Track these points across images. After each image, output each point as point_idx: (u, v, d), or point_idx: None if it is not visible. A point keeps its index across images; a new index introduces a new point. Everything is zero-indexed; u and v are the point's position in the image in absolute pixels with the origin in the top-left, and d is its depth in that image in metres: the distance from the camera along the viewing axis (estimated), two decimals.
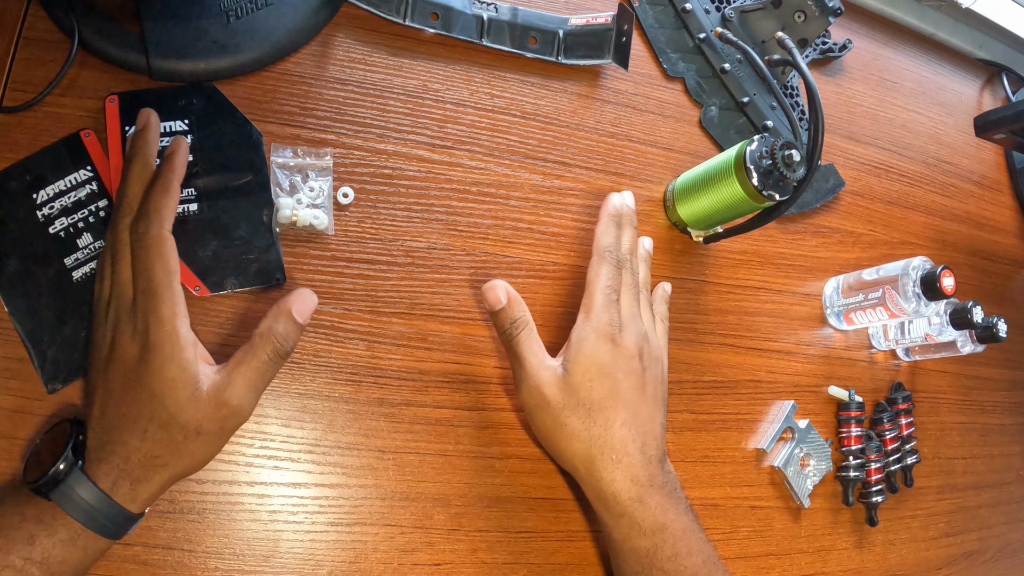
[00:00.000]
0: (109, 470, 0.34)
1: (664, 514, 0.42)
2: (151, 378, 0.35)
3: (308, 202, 0.45)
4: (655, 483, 0.43)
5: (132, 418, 0.35)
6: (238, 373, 0.37)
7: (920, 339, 0.64)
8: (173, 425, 0.35)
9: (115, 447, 0.35)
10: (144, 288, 0.36)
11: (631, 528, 0.43)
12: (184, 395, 0.35)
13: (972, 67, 0.86)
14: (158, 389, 0.35)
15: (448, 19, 0.52)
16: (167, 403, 0.35)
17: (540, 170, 0.54)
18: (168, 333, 0.35)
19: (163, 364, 0.35)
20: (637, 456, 0.43)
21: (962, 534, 0.68)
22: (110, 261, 0.38)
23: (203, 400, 0.35)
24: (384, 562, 0.44)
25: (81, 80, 0.43)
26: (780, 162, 0.48)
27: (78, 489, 0.33)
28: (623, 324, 0.45)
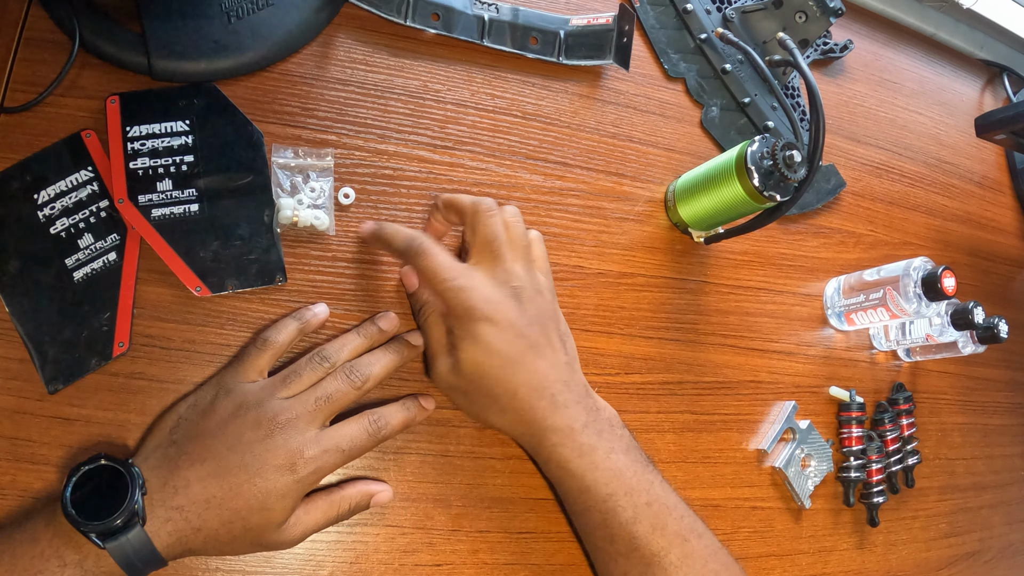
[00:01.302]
0: (173, 531, 0.35)
1: (592, 453, 0.42)
2: (272, 495, 0.37)
3: (309, 203, 0.45)
4: (575, 425, 0.43)
5: (228, 507, 0.36)
6: (310, 519, 0.40)
7: (921, 340, 0.64)
8: (251, 531, 0.37)
9: (193, 517, 0.35)
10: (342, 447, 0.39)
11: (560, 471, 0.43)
12: (277, 521, 0.38)
13: (973, 67, 0.86)
14: (268, 505, 0.37)
15: (449, 19, 0.52)
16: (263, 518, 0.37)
17: (541, 171, 0.54)
18: (314, 481, 0.39)
19: (288, 494, 0.38)
20: (548, 408, 0.42)
21: (963, 535, 0.68)
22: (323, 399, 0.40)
23: (281, 531, 0.38)
24: (385, 563, 0.44)
25: (82, 80, 0.43)
26: (781, 163, 0.48)
27: (135, 543, 0.34)
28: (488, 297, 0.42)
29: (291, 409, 0.39)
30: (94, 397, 0.40)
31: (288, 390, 0.40)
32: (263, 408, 0.38)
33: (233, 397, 0.39)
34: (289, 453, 0.37)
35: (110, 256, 0.42)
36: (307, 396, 0.40)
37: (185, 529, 0.35)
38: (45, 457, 0.39)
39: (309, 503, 0.40)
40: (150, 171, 0.43)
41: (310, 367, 0.41)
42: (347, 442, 0.39)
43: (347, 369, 0.41)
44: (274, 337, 0.42)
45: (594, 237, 0.55)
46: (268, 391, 0.39)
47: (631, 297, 0.55)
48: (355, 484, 0.43)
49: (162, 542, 0.35)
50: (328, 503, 0.41)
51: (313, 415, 0.39)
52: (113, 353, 0.41)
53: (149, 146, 0.43)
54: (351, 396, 0.41)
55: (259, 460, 0.37)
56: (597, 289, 0.54)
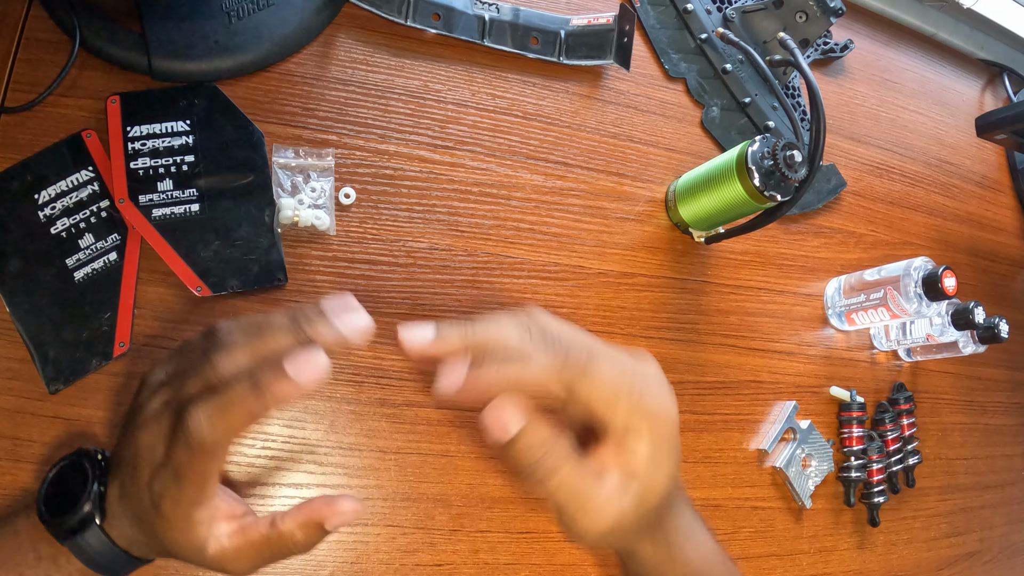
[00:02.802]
0: (124, 536, 0.33)
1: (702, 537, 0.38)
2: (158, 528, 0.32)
3: (310, 202, 0.45)
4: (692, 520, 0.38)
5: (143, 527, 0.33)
6: (246, 554, 0.34)
7: (922, 340, 0.64)
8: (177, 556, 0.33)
9: (129, 529, 0.33)
10: (175, 472, 0.31)
11: None
12: (185, 555, 0.33)
13: (973, 67, 0.86)
14: (164, 539, 0.33)
15: (450, 20, 0.52)
16: (172, 548, 0.33)
17: (542, 171, 0.54)
18: (182, 516, 0.32)
19: (169, 531, 0.32)
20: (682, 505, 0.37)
21: (964, 535, 0.68)
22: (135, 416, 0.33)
23: (208, 560, 0.33)
24: (386, 563, 0.44)
25: (82, 80, 0.43)
26: (782, 162, 0.48)
27: (93, 543, 0.33)
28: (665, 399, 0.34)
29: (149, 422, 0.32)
30: (95, 397, 0.41)
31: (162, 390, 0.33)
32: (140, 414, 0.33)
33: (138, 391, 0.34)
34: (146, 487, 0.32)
35: (111, 256, 0.42)
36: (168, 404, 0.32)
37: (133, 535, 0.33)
38: (46, 457, 0.39)
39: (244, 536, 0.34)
40: (151, 171, 0.43)
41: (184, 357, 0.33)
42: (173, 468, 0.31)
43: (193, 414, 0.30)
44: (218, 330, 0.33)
45: (595, 237, 0.55)
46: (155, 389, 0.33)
47: (632, 297, 0.55)
48: (297, 513, 0.34)
49: (122, 540, 0.33)
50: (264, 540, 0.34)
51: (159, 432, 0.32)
52: (114, 353, 0.41)
53: (150, 146, 0.43)
54: None
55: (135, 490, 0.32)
56: (598, 289, 0.54)
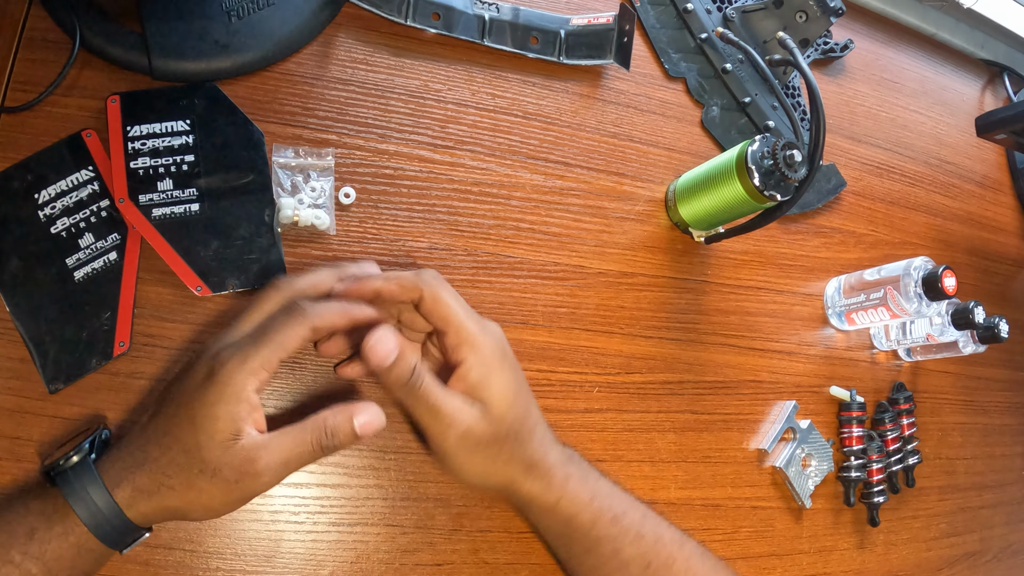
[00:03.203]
0: (119, 471, 0.35)
1: (595, 482, 0.44)
2: (198, 404, 0.35)
3: (310, 202, 0.45)
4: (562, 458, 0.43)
5: (162, 432, 0.35)
6: (277, 443, 0.36)
7: (922, 339, 0.64)
8: (195, 455, 0.34)
9: (134, 452, 0.35)
10: (255, 336, 0.36)
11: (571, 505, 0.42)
12: (218, 438, 0.34)
13: (973, 67, 0.85)
14: (199, 418, 0.34)
15: (450, 19, 0.52)
16: (200, 435, 0.34)
17: (542, 170, 0.54)
18: (238, 379, 0.35)
19: (216, 400, 0.34)
20: (551, 442, 0.43)
21: (963, 535, 0.68)
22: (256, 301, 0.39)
23: (233, 451, 0.34)
24: (386, 562, 0.44)
25: (82, 80, 0.43)
26: (781, 162, 0.48)
27: (83, 478, 0.34)
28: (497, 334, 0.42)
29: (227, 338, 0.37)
30: (95, 397, 0.41)
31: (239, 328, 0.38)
32: (208, 349, 0.37)
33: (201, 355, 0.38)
34: (208, 360, 0.36)
35: (111, 256, 0.42)
36: None
37: (131, 463, 0.35)
38: (45, 457, 0.39)
39: (276, 433, 0.36)
40: (151, 171, 0.43)
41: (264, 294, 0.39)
42: (261, 329, 0.37)
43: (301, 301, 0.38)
44: None
45: (595, 237, 0.55)
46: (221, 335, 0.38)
47: (632, 297, 0.55)
48: (331, 409, 0.37)
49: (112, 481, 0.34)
50: (299, 429, 0.36)
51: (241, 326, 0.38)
52: (114, 353, 0.41)
53: (150, 146, 0.43)
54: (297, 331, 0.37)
55: (183, 382, 0.36)
56: (598, 289, 0.54)
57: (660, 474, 0.53)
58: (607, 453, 0.52)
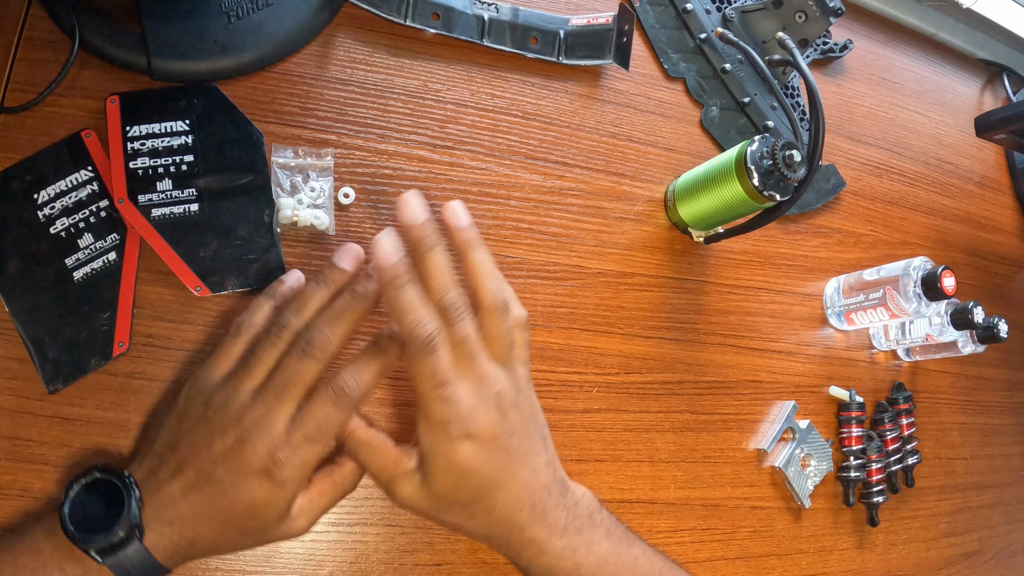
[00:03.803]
0: (168, 544, 0.35)
1: (574, 554, 0.40)
2: (259, 502, 0.35)
3: (309, 202, 0.45)
4: (555, 530, 0.40)
5: (218, 519, 0.35)
6: (317, 503, 0.38)
7: (921, 339, 0.64)
8: (251, 535, 0.37)
9: (186, 531, 0.35)
10: (311, 435, 0.36)
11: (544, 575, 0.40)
12: (277, 521, 0.37)
13: (973, 67, 0.86)
14: (259, 513, 0.36)
15: (449, 19, 0.52)
16: (258, 522, 0.36)
17: (541, 170, 0.54)
18: (301, 477, 0.36)
19: (278, 499, 0.36)
20: (527, 518, 0.39)
21: (963, 534, 0.68)
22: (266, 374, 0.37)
23: (287, 523, 0.37)
24: (385, 562, 0.44)
25: (82, 80, 0.43)
26: (781, 162, 0.48)
27: (134, 558, 0.34)
28: (470, 412, 0.37)
29: (253, 407, 0.36)
30: (94, 397, 0.41)
31: (250, 379, 0.37)
32: (228, 409, 0.36)
33: (202, 396, 0.37)
34: (261, 460, 0.35)
35: (110, 256, 0.42)
36: (268, 386, 0.36)
37: (180, 542, 0.35)
38: (45, 457, 0.39)
39: (311, 489, 0.38)
40: (150, 171, 0.43)
41: (268, 343, 0.37)
42: (316, 428, 0.36)
43: (303, 341, 0.37)
44: (248, 320, 0.39)
45: (594, 237, 0.55)
46: (233, 385, 0.37)
47: (631, 297, 0.55)
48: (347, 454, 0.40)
49: (161, 554, 0.34)
50: (331, 485, 0.39)
51: (276, 407, 0.36)
52: (113, 353, 0.41)
53: (149, 146, 0.43)
54: (313, 370, 0.36)
55: (234, 472, 0.35)
56: (597, 289, 0.54)
57: (659, 474, 0.53)
58: (606, 453, 0.52)
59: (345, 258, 0.40)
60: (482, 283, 0.39)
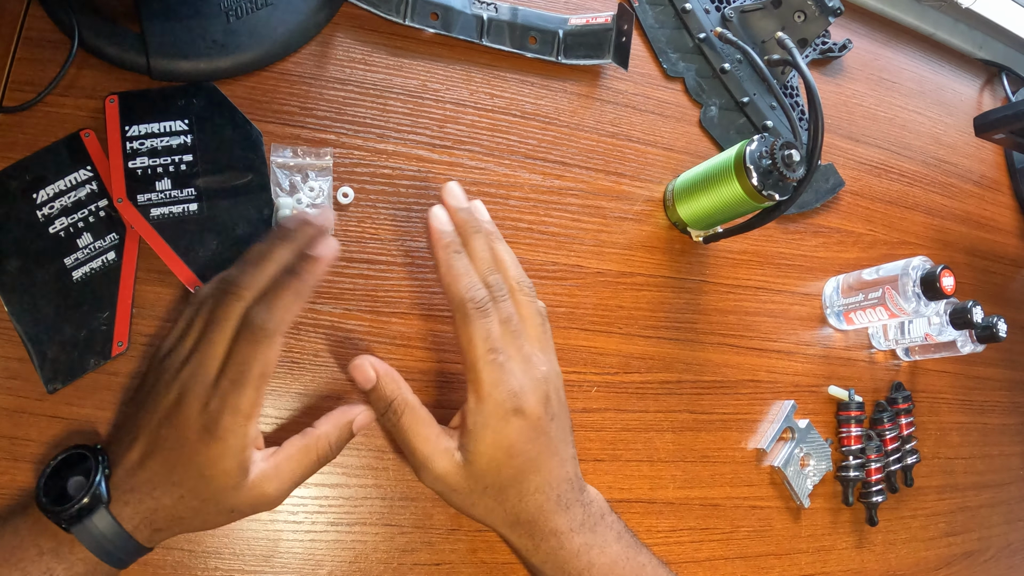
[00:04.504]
0: (134, 514, 0.34)
1: (588, 552, 0.41)
2: (204, 460, 0.34)
3: (308, 202, 0.46)
4: (574, 525, 0.41)
5: (172, 481, 0.35)
6: (285, 468, 0.37)
7: (920, 339, 0.64)
8: (210, 502, 0.35)
9: (145, 498, 0.34)
10: (234, 377, 0.34)
11: (555, 572, 0.41)
12: (230, 483, 0.35)
13: (972, 67, 0.86)
14: (207, 472, 0.34)
15: (448, 19, 0.52)
16: (211, 485, 0.35)
17: (540, 170, 0.54)
18: (239, 429, 0.35)
19: (221, 454, 0.34)
20: (553, 509, 0.41)
21: (962, 534, 0.68)
22: (203, 325, 0.36)
23: (246, 488, 0.36)
24: (384, 562, 0.44)
25: (81, 80, 0.43)
26: (780, 162, 0.48)
27: (100, 526, 0.33)
28: (522, 387, 0.39)
29: (189, 360, 0.35)
30: (93, 396, 0.41)
31: (191, 336, 0.36)
32: (171, 368, 0.36)
33: (156, 364, 0.37)
34: (197, 414, 0.34)
35: (109, 255, 0.42)
36: (200, 337, 0.36)
37: (144, 510, 0.34)
38: (44, 457, 0.39)
39: (279, 453, 0.37)
40: (149, 170, 0.43)
41: (210, 298, 0.37)
42: (238, 370, 0.34)
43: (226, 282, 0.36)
44: (203, 289, 0.39)
45: (593, 236, 0.55)
46: (177, 347, 0.36)
47: (630, 296, 0.55)
48: (328, 418, 0.39)
49: (129, 524, 0.34)
50: (302, 448, 0.37)
51: (206, 354, 0.35)
52: (112, 352, 0.41)
53: (148, 145, 0.43)
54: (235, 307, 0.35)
55: (176, 430, 0.34)
56: (596, 288, 0.54)
57: (659, 474, 0.53)
58: (605, 453, 0.52)
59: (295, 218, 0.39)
60: (508, 270, 0.42)
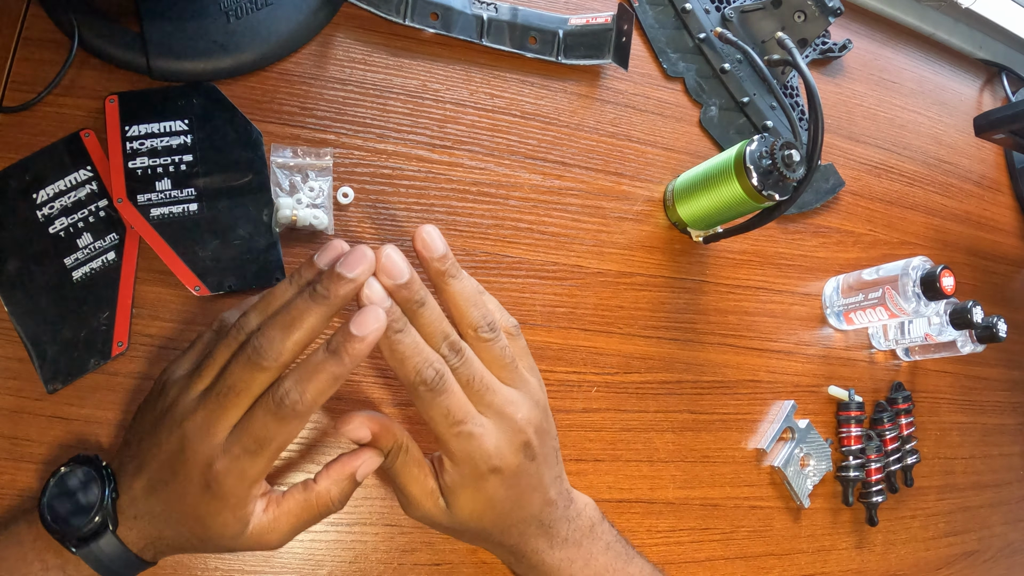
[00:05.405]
0: (139, 538, 0.34)
1: (571, 566, 0.41)
2: (204, 513, 0.34)
3: (308, 202, 0.45)
4: (555, 542, 0.41)
5: (175, 520, 0.34)
6: (285, 521, 0.36)
7: (920, 339, 0.64)
8: (210, 542, 0.35)
9: (149, 528, 0.34)
10: (252, 449, 0.33)
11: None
12: (229, 532, 0.34)
13: (972, 67, 0.86)
14: (207, 521, 0.34)
15: (448, 19, 0.52)
16: (210, 532, 0.34)
17: (540, 170, 0.54)
18: (242, 492, 0.34)
19: (221, 510, 0.34)
20: (535, 534, 0.41)
21: (962, 534, 0.68)
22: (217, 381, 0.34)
23: (245, 537, 0.35)
24: (384, 562, 0.44)
25: (81, 80, 0.43)
26: (780, 162, 0.48)
27: (107, 549, 0.33)
28: (498, 446, 0.37)
29: (196, 412, 0.33)
30: (93, 397, 0.41)
31: (201, 380, 0.34)
32: (175, 409, 0.34)
33: (163, 390, 0.36)
34: (200, 469, 0.33)
35: (109, 256, 0.42)
36: (212, 391, 0.34)
37: (149, 536, 0.34)
38: (44, 457, 0.39)
39: (279, 506, 0.36)
40: (149, 170, 0.43)
41: (224, 343, 0.35)
42: (255, 441, 0.33)
43: (251, 347, 0.33)
44: (228, 317, 0.37)
45: (593, 236, 0.55)
46: (184, 384, 0.35)
47: (630, 296, 0.55)
48: (329, 472, 0.37)
49: (135, 547, 0.34)
50: (302, 504, 0.36)
51: (217, 415, 0.33)
52: (112, 353, 0.41)
53: (148, 145, 0.43)
54: (259, 379, 0.33)
55: (179, 478, 0.33)
56: (596, 288, 0.54)
57: (658, 474, 0.53)
58: (605, 453, 0.52)
59: (326, 256, 0.35)
60: (465, 313, 0.38)
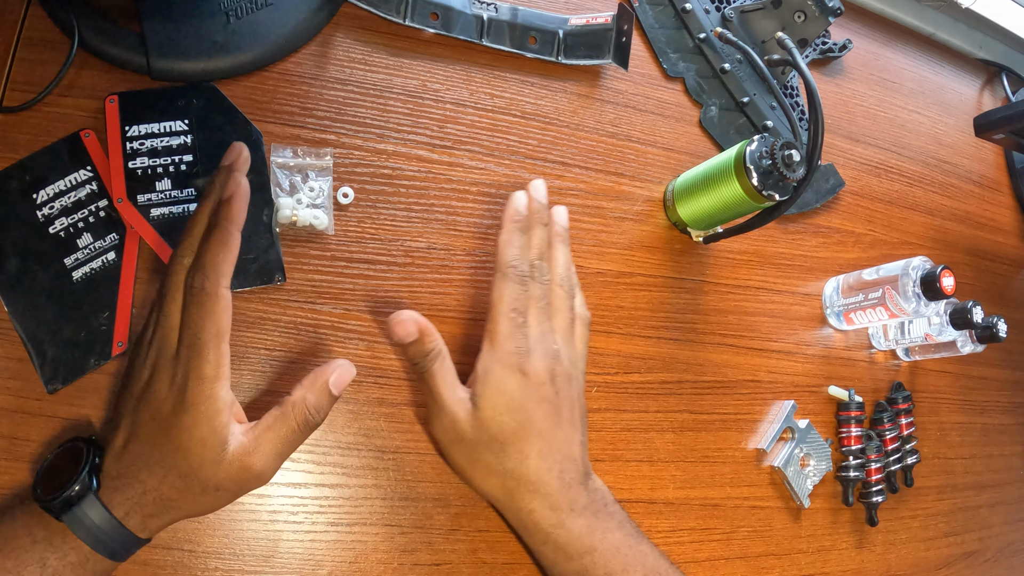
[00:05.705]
0: (123, 500, 0.34)
1: (591, 535, 0.42)
2: (180, 432, 0.34)
3: (308, 202, 0.46)
4: (576, 507, 0.42)
5: (154, 461, 0.35)
6: (265, 439, 0.36)
7: (920, 339, 0.64)
8: (193, 478, 0.35)
9: (132, 482, 0.35)
10: (189, 343, 0.35)
11: (556, 554, 0.42)
12: (209, 455, 0.35)
13: (972, 67, 0.86)
14: (184, 444, 0.34)
15: (448, 19, 0.52)
16: (191, 459, 0.35)
17: (540, 170, 0.54)
18: (206, 394, 0.34)
19: (195, 423, 0.34)
20: (555, 484, 0.42)
21: (962, 534, 0.68)
22: (160, 301, 0.36)
23: (227, 462, 0.35)
24: (384, 562, 0.44)
25: (81, 80, 0.43)
26: (780, 162, 0.48)
27: (91, 514, 0.33)
28: (531, 349, 0.42)
29: (154, 340, 0.36)
30: (93, 397, 0.41)
31: (148, 329, 0.37)
32: (136, 361, 0.36)
33: (135, 344, 0.37)
34: (165, 387, 0.35)
35: (109, 256, 0.42)
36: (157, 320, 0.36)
37: (132, 495, 0.34)
38: (44, 457, 0.39)
39: (258, 425, 0.37)
40: (149, 171, 0.43)
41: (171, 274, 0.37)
42: (190, 334, 0.35)
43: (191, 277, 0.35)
44: None
45: (593, 236, 0.55)
46: (139, 341, 0.38)
47: (630, 296, 0.55)
48: (302, 383, 0.38)
49: (119, 511, 0.34)
50: (279, 417, 0.37)
51: (166, 327, 0.35)
52: (112, 353, 0.41)
53: (148, 146, 0.43)
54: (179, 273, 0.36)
55: (151, 407, 0.35)
56: (596, 288, 0.54)
57: (659, 474, 0.53)
58: (605, 453, 0.52)
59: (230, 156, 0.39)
60: (558, 267, 0.46)
